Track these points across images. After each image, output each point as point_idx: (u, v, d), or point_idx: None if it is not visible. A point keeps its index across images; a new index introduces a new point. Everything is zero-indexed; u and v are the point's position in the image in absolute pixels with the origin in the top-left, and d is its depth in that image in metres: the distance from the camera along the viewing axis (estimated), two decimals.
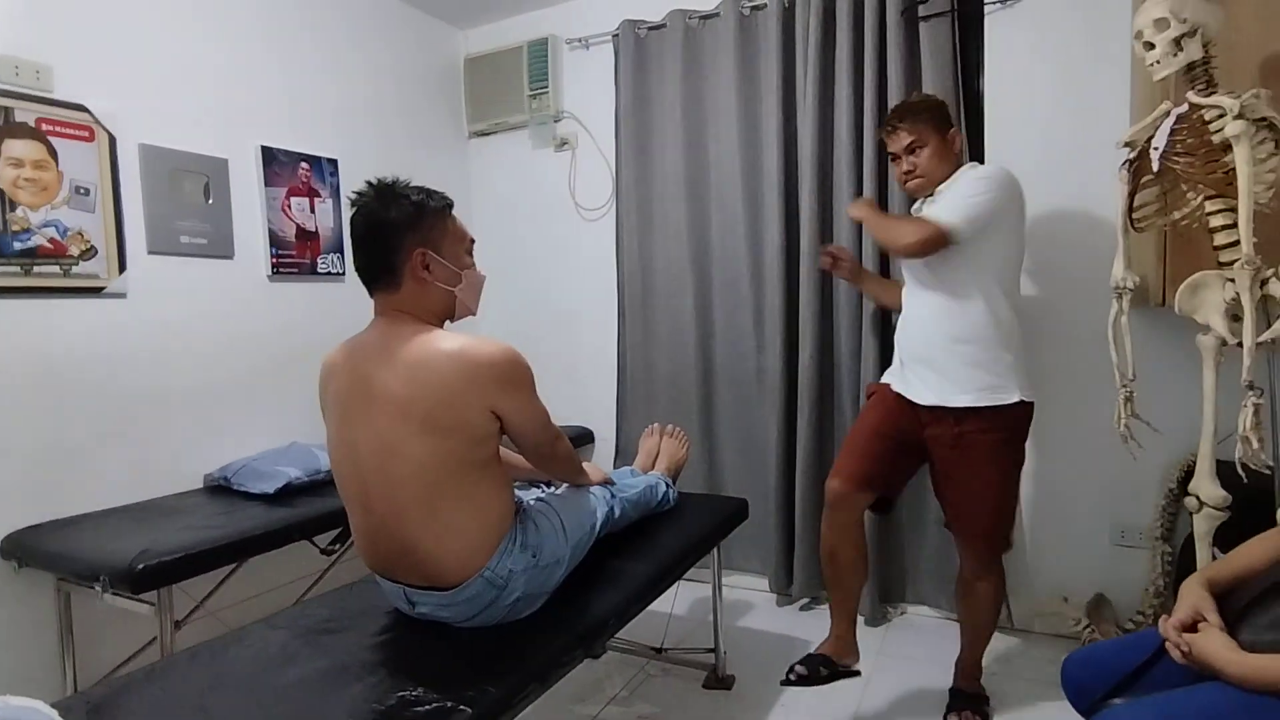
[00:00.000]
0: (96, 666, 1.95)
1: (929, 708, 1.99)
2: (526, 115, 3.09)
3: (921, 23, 2.36)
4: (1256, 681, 1.03)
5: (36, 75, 1.89)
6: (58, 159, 1.91)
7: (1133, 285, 1.76)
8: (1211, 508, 1.63)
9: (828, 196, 2.55)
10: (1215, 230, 1.58)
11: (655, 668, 2.24)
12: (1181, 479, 2.10)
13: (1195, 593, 1.20)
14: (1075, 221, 2.28)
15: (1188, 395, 1.97)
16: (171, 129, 2.18)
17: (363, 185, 1.40)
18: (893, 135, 1.92)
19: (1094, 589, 2.29)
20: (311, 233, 2.60)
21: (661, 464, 2.14)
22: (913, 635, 2.43)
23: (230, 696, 1.20)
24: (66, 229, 1.93)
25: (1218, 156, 1.53)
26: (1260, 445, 1.52)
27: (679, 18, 2.74)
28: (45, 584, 1.89)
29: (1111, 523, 2.31)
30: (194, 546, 1.69)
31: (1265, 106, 1.49)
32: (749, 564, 2.77)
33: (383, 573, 1.45)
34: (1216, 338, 1.59)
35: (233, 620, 1.98)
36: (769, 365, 2.65)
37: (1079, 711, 1.29)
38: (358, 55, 2.80)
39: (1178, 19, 1.54)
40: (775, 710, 2.02)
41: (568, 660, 1.36)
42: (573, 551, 1.54)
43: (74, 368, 1.96)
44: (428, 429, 1.30)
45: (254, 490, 2.07)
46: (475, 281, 1.47)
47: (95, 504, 1.98)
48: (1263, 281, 1.52)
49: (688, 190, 2.77)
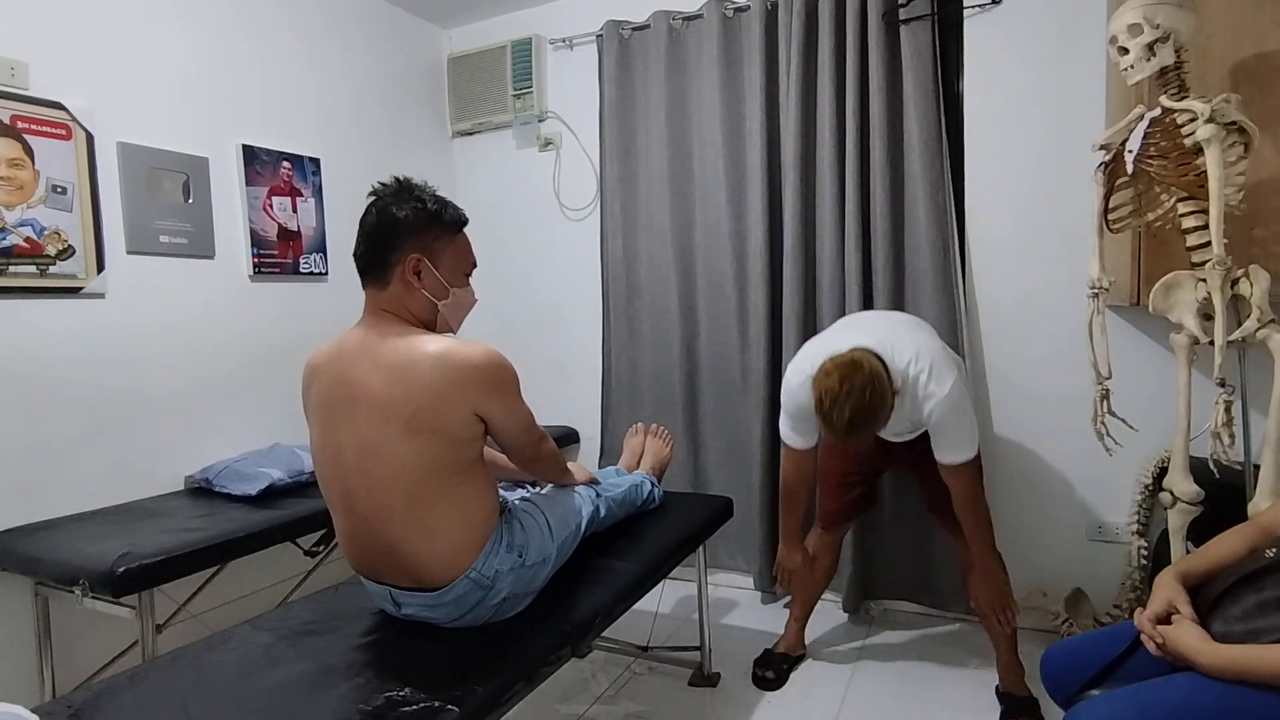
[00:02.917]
0: (76, 671, 1.92)
1: (912, 702, 2.01)
2: (510, 115, 3.09)
3: (902, 25, 2.38)
4: (1228, 671, 1.06)
5: (12, 72, 1.86)
6: (34, 157, 1.88)
7: (1108, 285, 1.79)
8: (1185, 503, 1.66)
9: (810, 196, 2.57)
10: (1188, 231, 1.61)
11: (641, 666, 2.25)
12: (1156, 475, 2.14)
13: (1169, 586, 1.22)
14: (1052, 222, 2.32)
15: (1161, 393, 2.01)
16: (151, 127, 2.16)
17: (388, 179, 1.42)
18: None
19: (1071, 583, 2.33)
20: (294, 232, 2.58)
21: (646, 463, 2.15)
22: (896, 630, 2.45)
23: (214, 699, 1.19)
24: (43, 228, 1.91)
25: (1190, 159, 1.56)
26: (1231, 441, 1.55)
27: (662, 18, 2.75)
28: (23, 588, 1.86)
29: (1088, 518, 2.36)
30: (176, 549, 1.67)
31: (1235, 111, 1.52)
32: (734, 562, 2.78)
33: (368, 574, 1.44)
34: (1189, 336, 1.63)
35: (215, 623, 1.96)
36: (753, 364, 2.67)
37: (1057, 703, 1.31)
38: (340, 54, 2.78)
39: (1151, 25, 1.58)
40: (760, 707, 2.04)
41: (554, 659, 1.37)
42: (559, 551, 1.54)
43: (52, 369, 1.93)
44: (411, 431, 1.30)
45: (236, 492, 2.05)
46: (463, 301, 1.47)
47: (74, 506, 1.95)
48: (1233, 281, 1.56)
49: (672, 190, 2.78)
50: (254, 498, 2.02)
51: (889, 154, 2.43)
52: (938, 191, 2.38)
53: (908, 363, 1.71)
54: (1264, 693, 1.02)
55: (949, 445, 1.78)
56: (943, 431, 1.77)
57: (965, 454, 1.78)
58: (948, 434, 1.77)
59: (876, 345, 1.71)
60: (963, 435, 1.77)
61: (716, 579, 2.78)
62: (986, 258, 2.43)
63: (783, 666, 2.18)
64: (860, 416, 1.59)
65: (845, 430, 1.61)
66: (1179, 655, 1.13)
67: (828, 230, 2.51)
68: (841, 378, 1.59)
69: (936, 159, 2.38)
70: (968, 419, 1.78)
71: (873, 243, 2.46)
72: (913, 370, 1.71)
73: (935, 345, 1.83)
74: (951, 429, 1.76)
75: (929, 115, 2.36)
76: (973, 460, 1.81)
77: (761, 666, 2.17)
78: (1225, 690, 1.05)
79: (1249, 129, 1.54)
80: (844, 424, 1.59)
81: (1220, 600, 1.17)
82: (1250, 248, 1.70)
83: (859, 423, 1.59)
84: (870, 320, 2.04)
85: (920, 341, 1.78)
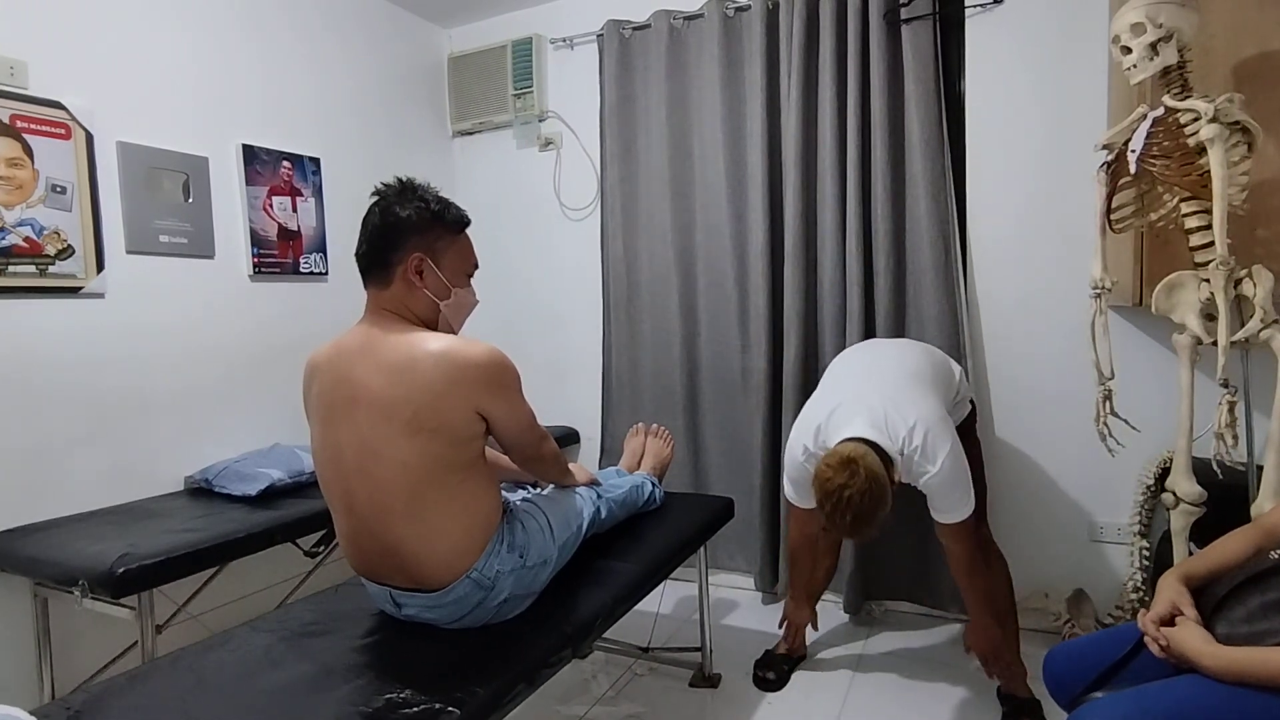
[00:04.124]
0: (75, 673, 1.92)
1: (913, 704, 2.01)
2: (511, 115, 3.08)
3: (904, 25, 2.38)
4: (1232, 673, 1.05)
5: (11, 71, 1.85)
6: (33, 157, 1.88)
7: (1110, 285, 1.78)
8: (1188, 504, 1.66)
9: (811, 196, 2.56)
10: (1191, 231, 1.61)
11: (642, 667, 2.25)
12: (1159, 475, 2.13)
13: (1172, 587, 1.22)
14: (1053, 222, 2.32)
15: (1164, 393, 2.01)
16: (150, 126, 2.15)
17: (391, 179, 1.41)
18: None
19: (1073, 584, 2.32)
20: (294, 232, 2.58)
21: (647, 464, 2.14)
22: (896, 631, 2.45)
23: (214, 701, 1.18)
24: (43, 228, 1.90)
25: (1193, 159, 1.56)
26: (1234, 442, 1.55)
27: (663, 18, 2.75)
28: (22, 589, 1.85)
29: (1090, 519, 2.35)
30: (175, 550, 1.67)
31: (1238, 110, 1.52)
32: (734, 563, 2.78)
33: (368, 575, 1.44)
34: (1192, 337, 1.62)
35: (215, 624, 1.96)
36: (754, 365, 2.66)
37: (1060, 705, 1.31)
38: (341, 53, 2.77)
39: (1154, 24, 1.57)
40: (761, 708, 2.03)
41: (555, 660, 1.36)
42: (560, 552, 1.54)
43: (51, 369, 1.92)
44: (412, 430, 1.29)
45: (236, 492, 2.04)
46: (465, 302, 1.47)
47: (73, 507, 1.95)
48: (1236, 281, 1.56)
49: (672, 190, 2.78)
50: (254, 498, 2.01)
51: (890, 154, 2.42)
52: (939, 191, 2.37)
53: (903, 441, 1.72)
54: (1268, 695, 1.02)
55: (941, 508, 1.80)
56: (935, 497, 1.79)
57: (960, 514, 1.78)
58: (941, 499, 1.78)
59: (873, 428, 1.71)
60: (955, 499, 1.77)
61: (717, 580, 2.77)
62: (988, 257, 2.43)
63: (784, 667, 2.18)
64: (862, 519, 1.62)
65: (849, 532, 1.67)
66: (1182, 657, 1.13)
67: (829, 230, 2.51)
68: (841, 484, 1.61)
69: (938, 159, 2.37)
70: (961, 485, 1.76)
71: (874, 243, 2.46)
72: (907, 449, 1.73)
73: (930, 410, 1.77)
74: (945, 496, 1.77)
75: (930, 115, 2.36)
76: (967, 519, 1.80)
77: (762, 667, 2.17)
78: (1229, 692, 1.05)
79: (1252, 128, 1.53)
80: (847, 528, 1.64)
81: (1224, 602, 1.16)
82: (1253, 248, 1.70)
83: (861, 525, 1.63)
84: (865, 377, 1.93)
85: (915, 410, 1.75)
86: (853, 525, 1.62)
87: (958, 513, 1.78)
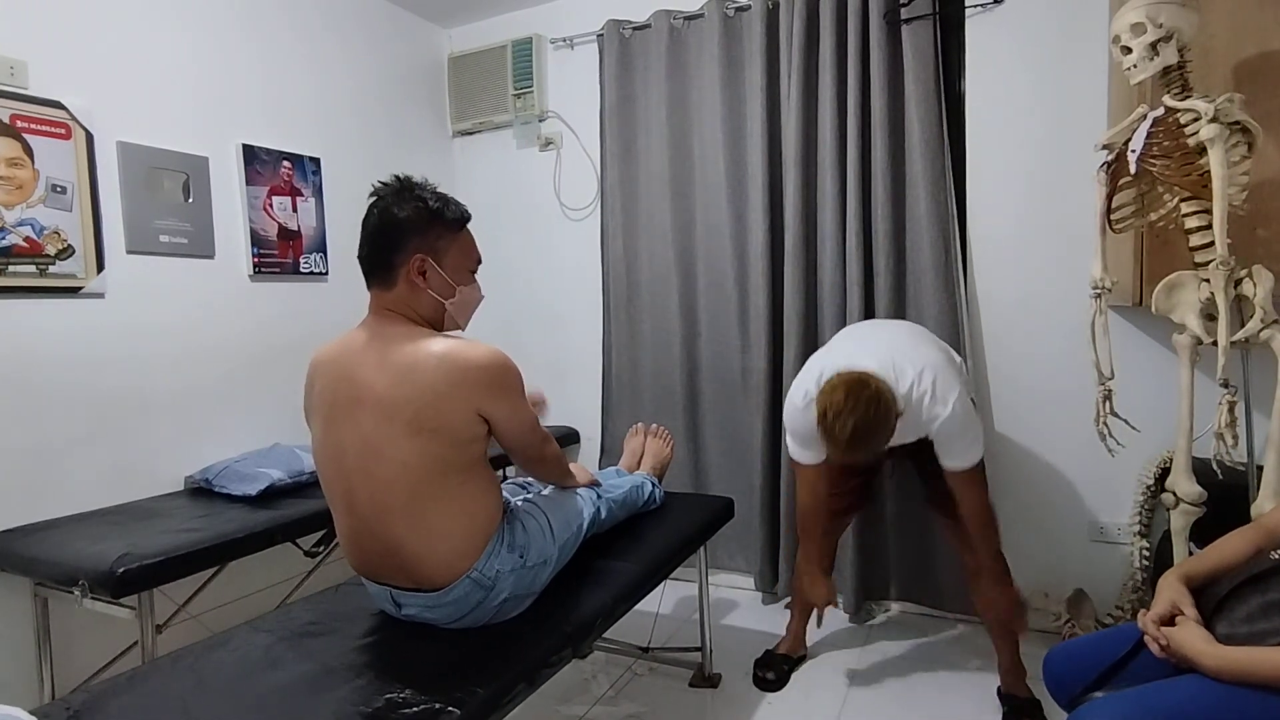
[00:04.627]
0: (75, 673, 1.92)
1: (913, 704, 2.01)
2: (511, 115, 3.08)
3: (904, 25, 2.38)
4: (1232, 673, 1.06)
5: (11, 71, 1.85)
6: (33, 156, 1.88)
7: (1110, 285, 1.78)
8: (1188, 504, 1.66)
9: (811, 196, 2.56)
10: (1191, 231, 1.61)
11: (642, 667, 2.25)
12: (1159, 475, 2.13)
13: (1173, 587, 1.22)
14: (1053, 221, 2.32)
15: (1164, 393, 2.01)
16: (150, 126, 2.15)
17: (389, 178, 1.40)
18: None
19: (1073, 584, 2.32)
20: (294, 232, 2.58)
21: (647, 464, 2.14)
22: (897, 631, 2.45)
23: (214, 701, 1.18)
24: (43, 228, 1.90)
25: (1193, 159, 1.56)
26: (1234, 442, 1.55)
27: (663, 18, 2.75)
28: (22, 589, 1.85)
29: (1090, 519, 2.35)
30: (175, 549, 1.66)
31: (1238, 110, 1.52)
32: (734, 563, 2.78)
33: (368, 575, 1.44)
34: (1192, 337, 1.62)
35: (215, 624, 1.96)
36: (754, 365, 2.66)
37: (1060, 705, 1.31)
38: (341, 53, 2.77)
39: (1154, 24, 1.57)
40: (761, 708, 2.03)
41: (555, 660, 1.36)
42: (560, 552, 1.54)
43: (51, 369, 1.92)
44: (414, 430, 1.29)
45: (236, 492, 2.04)
46: (469, 299, 1.47)
47: (73, 507, 1.95)
48: (1236, 282, 1.56)
49: (672, 190, 2.78)
50: (254, 498, 2.01)
51: (890, 153, 2.42)
52: (939, 191, 2.37)
53: (910, 385, 1.70)
54: (1268, 695, 1.02)
55: (953, 454, 1.78)
56: (946, 443, 1.77)
57: (970, 460, 1.77)
58: (952, 445, 1.77)
59: (879, 369, 1.69)
60: (967, 444, 1.77)
61: (717, 579, 2.77)
62: (988, 257, 2.43)
63: (784, 667, 2.17)
64: (863, 431, 1.57)
65: (847, 443, 1.59)
66: (1183, 657, 1.13)
67: (829, 230, 2.51)
68: (847, 392, 1.58)
69: (938, 158, 2.37)
70: (972, 430, 1.77)
71: (874, 242, 2.46)
72: (915, 393, 1.71)
73: (937, 358, 1.79)
74: (956, 440, 1.76)
75: (930, 115, 2.36)
76: (978, 464, 1.80)
77: (762, 667, 2.17)
78: (1229, 692, 1.05)
79: (1252, 128, 1.53)
80: (846, 436, 1.57)
81: (1225, 602, 1.16)
82: (1253, 248, 1.70)
83: (861, 437, 1.58)
84: (871, 335, 1.99)
85: (922, 357, 1.76)
86: (852, 437, 1.56)
87: (969, 457, 1.77)
